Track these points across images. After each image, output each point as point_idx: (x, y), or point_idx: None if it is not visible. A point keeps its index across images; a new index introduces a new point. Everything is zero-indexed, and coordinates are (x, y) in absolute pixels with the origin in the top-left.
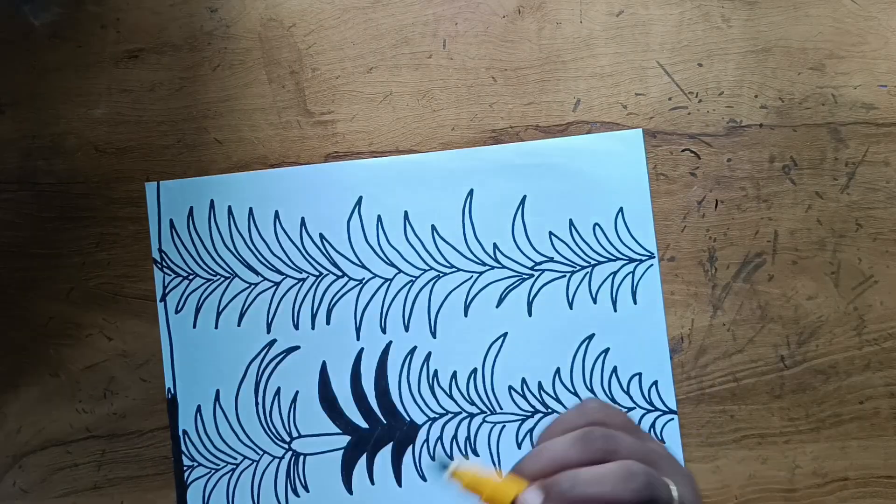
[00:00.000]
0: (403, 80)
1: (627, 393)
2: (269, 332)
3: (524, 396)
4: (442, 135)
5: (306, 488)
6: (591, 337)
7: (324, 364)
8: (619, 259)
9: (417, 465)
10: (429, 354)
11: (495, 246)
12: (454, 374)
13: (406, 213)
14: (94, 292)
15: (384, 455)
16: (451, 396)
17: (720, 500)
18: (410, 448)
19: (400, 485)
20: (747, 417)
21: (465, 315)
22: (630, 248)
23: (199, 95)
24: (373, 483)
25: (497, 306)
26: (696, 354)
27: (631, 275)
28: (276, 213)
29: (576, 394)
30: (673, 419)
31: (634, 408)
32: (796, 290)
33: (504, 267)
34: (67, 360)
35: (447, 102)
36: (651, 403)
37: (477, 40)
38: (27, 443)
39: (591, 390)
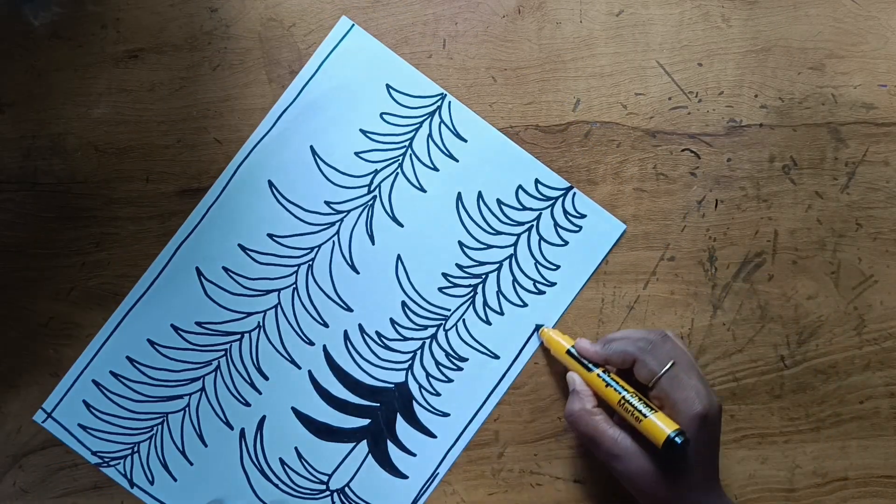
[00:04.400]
0: None
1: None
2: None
3: (452, 285)
4: None
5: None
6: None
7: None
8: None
9: (429, 408)
10: (359, 326)
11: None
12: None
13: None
14: (94, 292)
15: (402, 427)
16: (402, 336)
17: None
18: (414, 403)
19: (434, 436)
20: (747, 417)
21: (357, 272)
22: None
23: (199, 95)
24: (414, 455)
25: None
26: (696, 354)
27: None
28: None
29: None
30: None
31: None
32: (796, 290)
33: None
34: (67, 360)
35: None
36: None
37: (477, 40)
38: (27, 443)
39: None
